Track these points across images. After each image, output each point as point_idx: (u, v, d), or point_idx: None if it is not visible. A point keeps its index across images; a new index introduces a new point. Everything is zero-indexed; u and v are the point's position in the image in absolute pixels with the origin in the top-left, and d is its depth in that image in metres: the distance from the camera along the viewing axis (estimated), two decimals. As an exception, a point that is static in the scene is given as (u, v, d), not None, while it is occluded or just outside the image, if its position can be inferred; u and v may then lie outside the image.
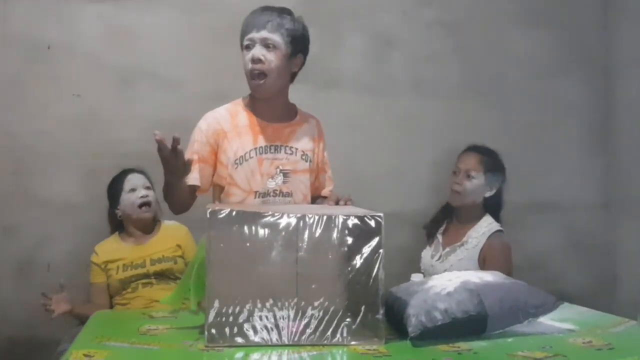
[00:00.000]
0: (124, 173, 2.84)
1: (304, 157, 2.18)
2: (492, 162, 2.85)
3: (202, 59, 3.12)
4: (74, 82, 3.04)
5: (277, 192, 2.12)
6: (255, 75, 2.05)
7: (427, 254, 2.92)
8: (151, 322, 1.88)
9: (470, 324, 1.69)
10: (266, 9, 2.10)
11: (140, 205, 2.76)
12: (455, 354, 1.59)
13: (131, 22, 3.09)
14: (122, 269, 2.73)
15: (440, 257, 2.81)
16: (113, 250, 2.78)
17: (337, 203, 2.02)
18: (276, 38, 2.05)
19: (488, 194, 2.82)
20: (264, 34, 2.04)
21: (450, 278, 1.79)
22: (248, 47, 2.07)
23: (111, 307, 2.74)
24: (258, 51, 2.04)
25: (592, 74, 3.60)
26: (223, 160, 2.10)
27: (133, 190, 2.77)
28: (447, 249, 2.80)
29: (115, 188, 2.82)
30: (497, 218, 2.85)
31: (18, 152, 3.00)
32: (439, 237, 2.90)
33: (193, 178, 2.04)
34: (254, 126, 2.11)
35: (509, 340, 1.70)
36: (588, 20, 3.60)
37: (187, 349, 1.62)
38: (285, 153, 2.14)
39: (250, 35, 2.06)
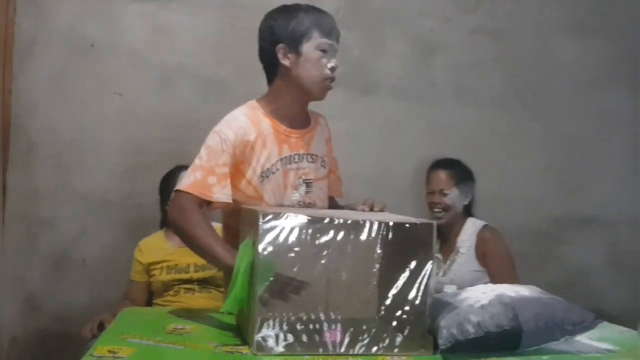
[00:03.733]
0: (178, 170, 2.76)
1: (322, 163, 2.11)
2: (460, 174, 2.92)
3: (243, 60, 3.09)
4: (115, 80, 3.08)
5: (301, 204, 2.03)
6: (329, 81, 2.01)
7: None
8: (178, 321, 1.86)
9: (503, 339, 1.63)
10: (332, 16, 2.05)
11: None
12: (487, 369, 1.54)
13: (173, 22, 3.12)
14: (165, 271, 2.70)
15: (443, 272, 2.85)
16: (158, 249, 2.74)
17: (371, 209, 1.98)
18: (337, 50, 2.03)
19: (466, 202, 2.91)
20: (337, 46, 2.02)
21: (484, 291, 1.73)
22: (325, 51, 1.98)
23: (150, 305, 2.73)
24: (336, 62, 2.00)
25: (639, 87, 3.50)
26: (247, 173, 1.97)
27: None
28: (448, 262, 2.86)
29: (167, 184, 2.76)
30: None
31: (59, 147, 3.04)
32: (438, 255, 2.92)
33: (226, 195, 1.91)
34: (279, 134, 2.01)
35: (544, 357, 1.63)
36: (636, 32, 3.50)
37: (213, 350, 1.60)
38: (307, 162, 2.06)
39: (331, 43, 2.00)
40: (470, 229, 2.86)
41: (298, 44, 1.98)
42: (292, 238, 1.57)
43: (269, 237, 1.56)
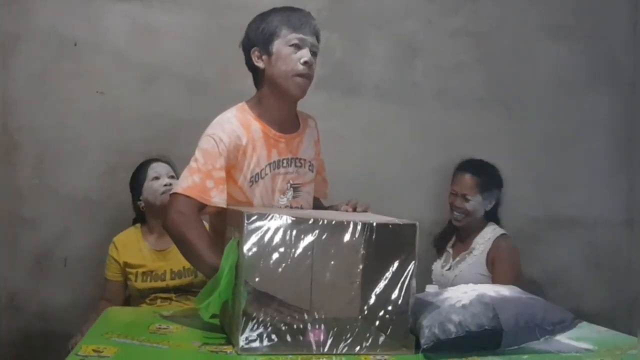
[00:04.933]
0: (148, 162, 2.78)
1: (310, 167, 2.11)
2: (487, 181, 2.89)
3: (227, 60, 3.09)
4: (98, 79, 3.06)
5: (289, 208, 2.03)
6: (303, 77, 1.96)
7: (437, 265, 2.98)
8: (162, 321, 1.87)
9: (484, 338, 1.66)
10: (308, 13, 2.02)
11: (163, 193, 2.68)
12: (468, 368, 1.56)
13: (157, 21, 3.10)
14: (141, 278, 2.66)
15: (450, 267, 2.88)
16: (134, 249, 2.70)
17: (354, 209, 1.99)
18: (318, 47, 2.02)
19: (488, 208, 2.89)
20: (314, 40, 1.99)
21: (465, 290, 1.76)
22: (297, 46, 1.96)
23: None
24: (309, 55, 1.96)
25: (619, 90, 3.55)
26: (238, 178, 1.96)
27: (157, 178, 2.71)
28: (457, 258, 2.87)
29: (138, 177, 2.76)
30: (498, 223, 2.93)
31: (41, 147, 3.01)
32: (449, 250, 2.97)
33: (222, 199, 1.90)
34: (268, 139, 2.00)
35: (524, 357, 1.66)
36: (617, 36, 3.55)
37: (197, 349, 1.61)
38: (296, 166, 2.05)
39: (302, 37, 1.96)
40: (489, 234, 2.84)
41: (269, 44, 1.98)
42: (277, 238, 1.59)
43: (254, 238, 1.57)
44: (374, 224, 1.63)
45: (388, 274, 1.63)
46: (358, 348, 1.59)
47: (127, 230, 2.79)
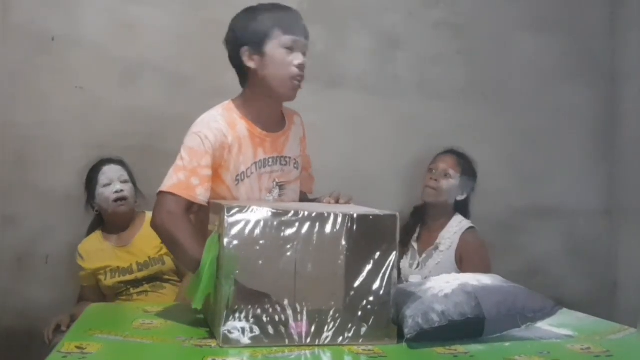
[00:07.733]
0: (100, 164, 2.76)
1: (295, 165, 2.11)
2: (468, 166, 2.91)
3: (208, 54, 3.07)
4: (77, 74, 3.03)
5: None
6: (298, 80, 1.98)
7: (405, 264, 2.90)
8: (145, 317, 1.86)
9: (467, 326, 1.67)
10: (298, 14, 2.02)
11: (115, 200, 2.67)
12: (451, 356, 1.57)
13: (136, 15, 3.08)
14: (109, 276, 2.67)
15: (418, 264, 2.82)
16: (98, 252, 2.71)
17: (337, 201, 2.00)
18: (308, 47, 2.02)
19: (460, 198, 2.87)
20: (306, 43, 2.00)
21: (448, 280, 1.77)
22: (291, 49, 1.96)
23: None
24: (303, 58, 1.97)
25: (597, 81, 3.58)
26: (225, 177, 1.97)
27: (107, 184, 2.69)
28: (424, 255, 2.82)
29: (91, 181, 2.75)
30: (469, 218, 2.90)
31: (20, 143, 2.98)
32: (414, 244, 2.90)
33: (207, 198, 1.91)
34: (254, 138, 2.00)
35: (507, 344, 1.68)
36: (594, 27, 3.58)
37: (181, 344, 1.61)
38: (281, 165, 2.06)
39: (298, 39, 1.97)
40: (455, 227, 2.80)
41: (261, 45, 1.96)
42: (258, 231, 1.59)
43: (235, 231, 1.58)
44: (355, 215, 1.64)
45: (369, 265, 1.63)
46: (340, 339, 1.60)
47: (89, 237, 2.80)
